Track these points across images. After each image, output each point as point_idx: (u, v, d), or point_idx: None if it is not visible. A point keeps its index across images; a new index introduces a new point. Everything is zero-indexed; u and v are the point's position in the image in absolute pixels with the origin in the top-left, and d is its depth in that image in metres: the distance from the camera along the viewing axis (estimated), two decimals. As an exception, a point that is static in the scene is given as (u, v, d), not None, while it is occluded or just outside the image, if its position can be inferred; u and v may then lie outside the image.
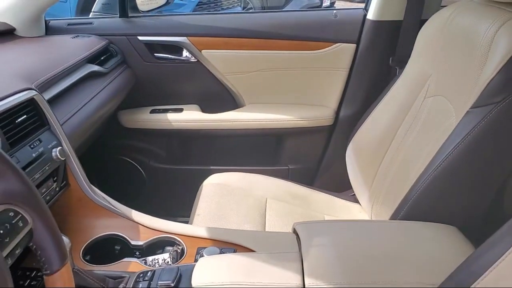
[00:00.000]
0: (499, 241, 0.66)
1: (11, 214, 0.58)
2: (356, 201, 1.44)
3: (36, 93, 1.00)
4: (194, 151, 1.83)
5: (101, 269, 0.94)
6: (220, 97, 1.75)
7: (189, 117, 1.72)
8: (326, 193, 1.51)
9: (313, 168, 1.79)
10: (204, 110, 1.75)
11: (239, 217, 1.29)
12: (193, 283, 0.82)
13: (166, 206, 1.79)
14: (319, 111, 1.72)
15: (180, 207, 1.67)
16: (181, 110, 1.74)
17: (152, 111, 1.74)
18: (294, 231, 0.99)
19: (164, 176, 1.81)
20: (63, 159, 1.00)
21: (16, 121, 0.93)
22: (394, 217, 1.06)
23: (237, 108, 1.77)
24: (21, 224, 0.59)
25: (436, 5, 1.45)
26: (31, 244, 0.61)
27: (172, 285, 0.84)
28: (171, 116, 1.72)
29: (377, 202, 1.26)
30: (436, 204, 0.98)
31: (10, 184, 0.59)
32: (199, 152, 1.83)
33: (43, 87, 1.09)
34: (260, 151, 1.81)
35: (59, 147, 1.00)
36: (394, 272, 0.82)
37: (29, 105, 0.98)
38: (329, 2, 6.11)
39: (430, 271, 0.80)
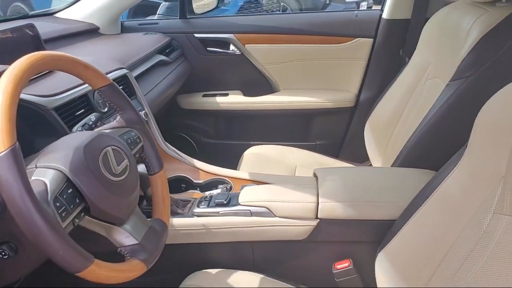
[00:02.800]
0: (448, 166, 0.97)
1: (133, 133, 0.94)
2: None
3: (127, 71, 1.38)
4: (237, 128, 2.19)
5: (173, 196, 1.29)
6: (259, 84, 2.10)
7: (233, 100, 2.08)
8: (348, 163, 1.80)
9: (337, 143, 2.10)
10: (245, 94, 2.11)
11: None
12: (240, 201, 1.17)
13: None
14: (342, 95, 2.04)
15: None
16: (227, 94, 2.11)
17: (204, 95, 2.12)
18: (314, 175, 1.31)
19: (212, 149, 2.17)
20: (146, 119, 1.36)
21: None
22: (392, 166, 1.37)
23: (273, 92, 2.11)
24: (138, 140, 0.95)
25: (438, 6, 1.72)
26: (142, 154, 0.97)
27: (225, 202, 1.18)
28: (219, 99, 2.08)
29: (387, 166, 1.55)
30: (421, 155, 1.28)
31: (130, 115, 0.95)
32: (240, 129, 2.18)
33: (130, 67, 1.47)
34: (292, 128, 2.13)
35: (144, 111, 1.37)
36: (380, 195, 1.14)
37: (123, 79, 1.36)
38: (365, 7, 6.34)
39: (406, 195, 1.08)
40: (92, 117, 0.98)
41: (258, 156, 1.76)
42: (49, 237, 0.62)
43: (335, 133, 2.10)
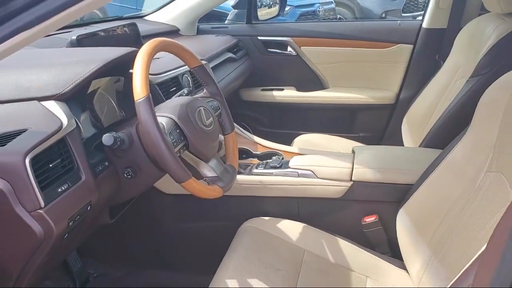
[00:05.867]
0: (455, 140, 1.22)
1: (214, 102, 1.28)
2: None
3: (206, 62, 1.74)
4: (289, 119, 2.50)
5: (236, 162, 1.62)
6: (311, 81, 2.41)
7: (287, 94, 2.41)
8: None
9: (378, 136, 2.36)
10: (298, 89, 2.43)
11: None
12: (290, 165, 1.48)
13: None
14: (384, 93, 2.31)
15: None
16: (282, 89, 2.44)
17: (262, 90, 2.46)
18: (353, 151, 1.60)
19: (266, 136, 2.47)
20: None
21: (197, 76, 1.65)
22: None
23: (323, 89, 2.41)
24: (218, 108, 1.28)
25: (471, 17, 1.95)
26: (220, 119, 1.30)
27: (278, 165, 1.50)
28: (275, 93, 2.42)
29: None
30: (440, 138, 1.53)
31: (213, 89, 1.30)
32: (292, 120, 2.49)
33: (208, 60, 1.82)
34: (338, 121, 2.42)
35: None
36: (403, 164, 1.42)
37: (202, 68, 1.71)
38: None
39: (423, 165, 1.31)
40: (185, 90, 1.34)
41: (307, 142, 2.05)
42: (167, 155, 0.96)
43: (376, 126, 2.37)
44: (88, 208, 0.98)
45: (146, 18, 2.36)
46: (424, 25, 2.16)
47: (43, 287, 1.55)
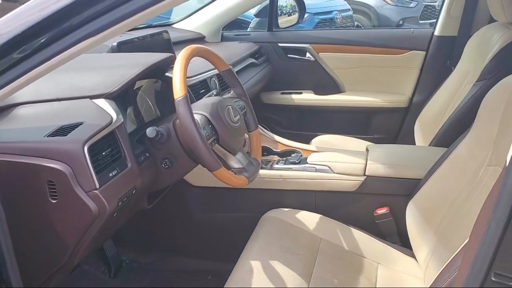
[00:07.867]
0: (460, 138, 1.33)
1: (240, 102, 1.42)
2: None
3: (231, 67, 1.88)
4: (307, 121, 2.63)
5: (259, 158, 1.76)
6: (328, 85, 2.54)
7: (306, 97, 2.55)
8: None
9: (392, 138, 2.48)
10: (316, 93, 2.56)
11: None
12: (308, 161, 1.61)
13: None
14: (398, 97, 2.43)
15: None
16: (300, 93, 2.58)
17: (282, 93, 2.60)
18: (366, 149, 1.72)
19: (286, 137, 2.61)
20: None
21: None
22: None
23: (340, 92, 2.54)
24: (243, 107, 1.42)
25: (480, 26, 2.04)
26: (245, 118, 1.44)
27: (297, 161, 1.63)
28: (294, 96, 2.56)
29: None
30: (448, 138, 1.64)
31: (239, 90, 1.44)
32: (310, 122, 2.62)
33: (232, 65, 1.97)
34: (353, 123, 2.54)
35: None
36: (413, 160, 1.54)
37: (228, 73, 1.86)
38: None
39: (431, 161, 1.42)
40: (214, 92, 1.49)
41: (324, 143, 2.17)
42: (202, 147, 1.10)
43: (390, 128, 2.48)
44: (133, 192, 1.13)
45: (174, 26, 2.53)
46: (436, 33, 2.28)
47: (83, 271, 1.71)
